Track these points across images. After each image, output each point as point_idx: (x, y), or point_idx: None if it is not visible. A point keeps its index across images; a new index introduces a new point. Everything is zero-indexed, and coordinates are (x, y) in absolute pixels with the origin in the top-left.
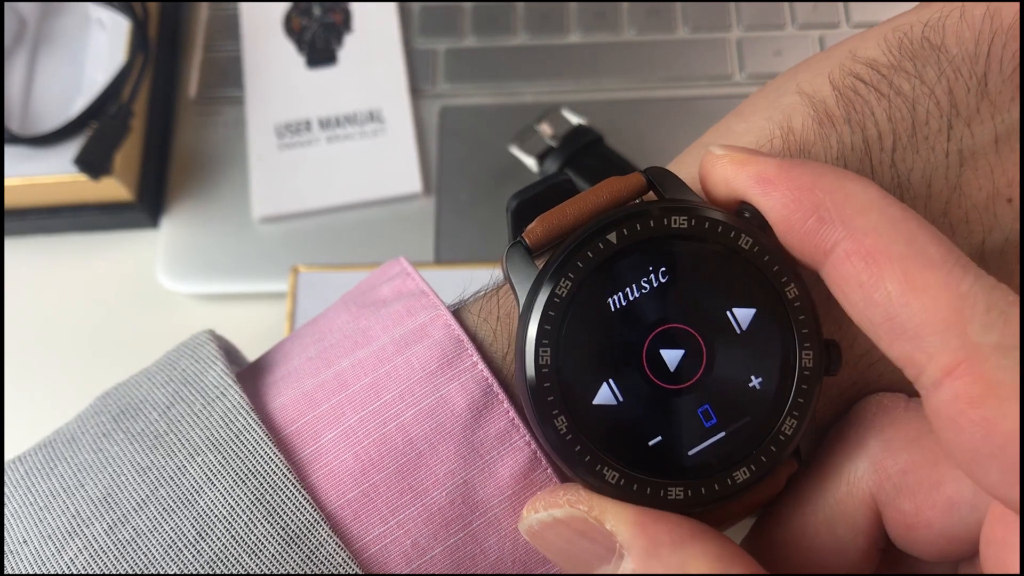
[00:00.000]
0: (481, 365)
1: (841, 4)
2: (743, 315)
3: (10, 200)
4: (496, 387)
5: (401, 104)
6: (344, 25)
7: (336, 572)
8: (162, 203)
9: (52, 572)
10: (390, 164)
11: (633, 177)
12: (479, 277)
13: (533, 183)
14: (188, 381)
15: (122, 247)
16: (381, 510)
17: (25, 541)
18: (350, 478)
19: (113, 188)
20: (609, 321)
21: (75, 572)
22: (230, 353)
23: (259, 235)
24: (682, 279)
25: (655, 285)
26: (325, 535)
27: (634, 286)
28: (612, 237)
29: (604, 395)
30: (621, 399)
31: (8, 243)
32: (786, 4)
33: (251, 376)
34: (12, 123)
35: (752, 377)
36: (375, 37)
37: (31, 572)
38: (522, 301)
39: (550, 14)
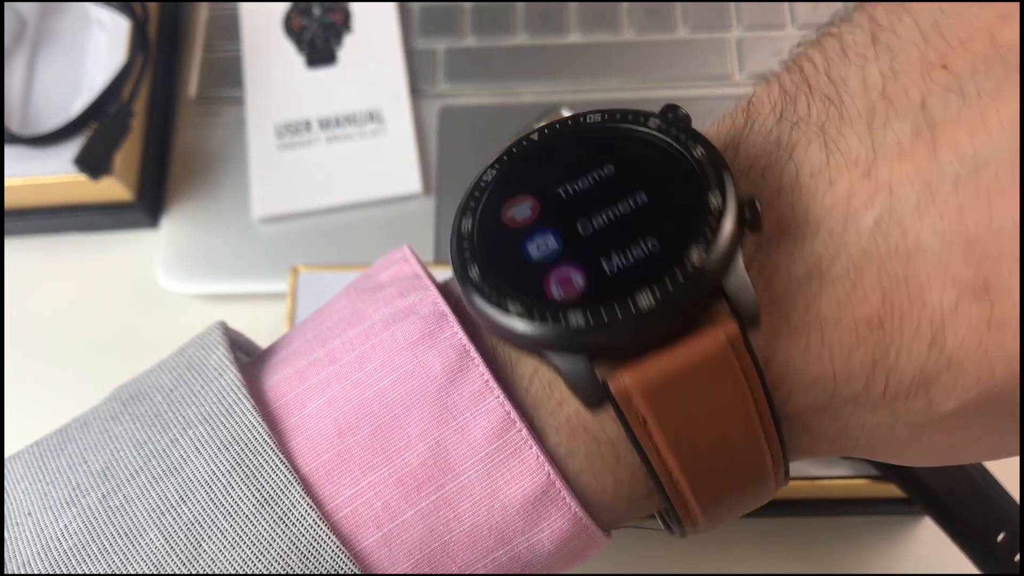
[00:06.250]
0: (461, 333)
1: (840, 4)
2: (650, 174)
3: (10, 200)
4: (473, 351)
5: (401, 104)
6: (344, 25)
7: (306, 533)
8: (162, 203)
9: (48, 537)
10: (390, 164)
11: None
12: None
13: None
14: (192, 366)
15: (122, 247)
16: (353, 472)
17: (29, 513)
18: (326, 441)
19: (113, 188)
20: (524, 192)
21: (69, 536)
22: (247, 346)
23: (259, 235)
24: (596, 156)
25: (572, 162)
26: (297, 495)
27: (552, 165)
28: (535, 136)
29: (509, 238)
30: (527, 247)
31: (8, 243)
32: (786, 4)
33: (257, 362)
34: (12, 123)
35: (659, 221)
36: (375, 37)
37: (32, 540)
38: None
39: (550, 14)
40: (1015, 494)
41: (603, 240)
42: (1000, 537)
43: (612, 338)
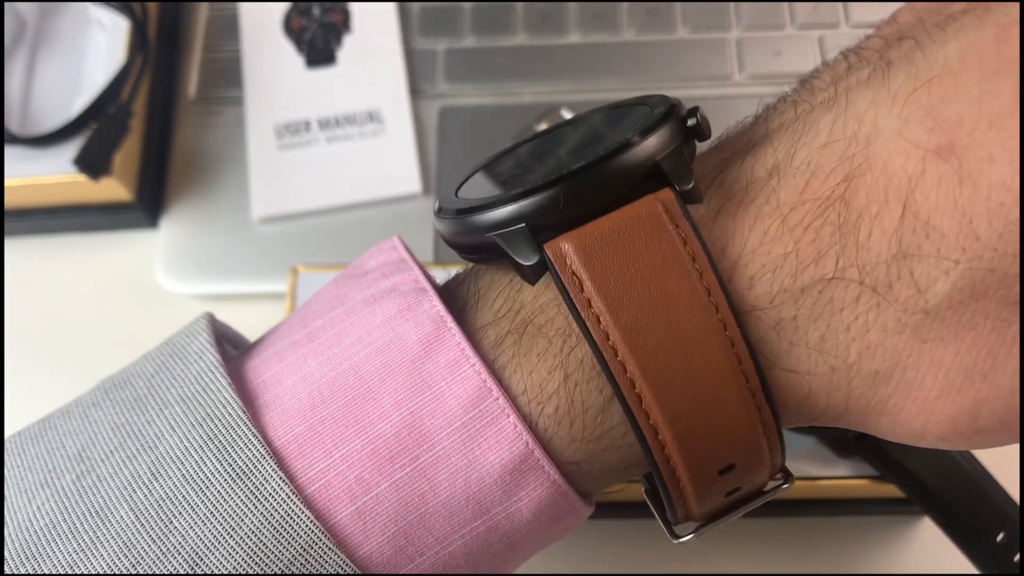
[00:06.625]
0: (438, 305)
1: (840, 4)
2: (616, 123)
3: (10, 200)
4: (450, 321)
5: (400, 104)
6: (343, 25)
7: (279, 508)
8: (162, 203)
9: (21, 519)
10: (389, 164)
11: None
12: None
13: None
14: (175, 352)
15: (121, 247)
16: (326, 444)
17: (4, 498)
18: (299, 415)
19: (112, 188)
20: (511, 161)
21: (41, 516)
22: (235, 339)
23: (258, 235)
24: (575, 130)
25: (556, 138)
26: (270, 469)
27: (540, 143)
28: (530, 136)
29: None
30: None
31: (8, 243)
32: (786, 4)
33: (243, 352)
34: (12, 123)
35: (611, 137)
36: (374, 37)
37: (5, 523)
38: None
39: (550, 14)
40: (1015, 494)
41: (562, 161)
42: (1000, 537)
43: (546, 200)
